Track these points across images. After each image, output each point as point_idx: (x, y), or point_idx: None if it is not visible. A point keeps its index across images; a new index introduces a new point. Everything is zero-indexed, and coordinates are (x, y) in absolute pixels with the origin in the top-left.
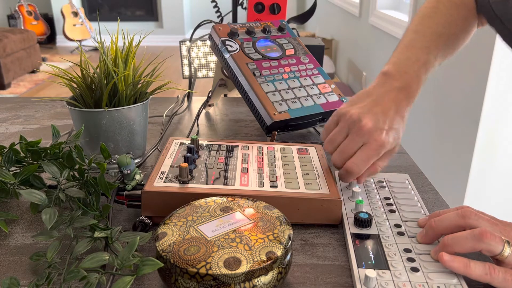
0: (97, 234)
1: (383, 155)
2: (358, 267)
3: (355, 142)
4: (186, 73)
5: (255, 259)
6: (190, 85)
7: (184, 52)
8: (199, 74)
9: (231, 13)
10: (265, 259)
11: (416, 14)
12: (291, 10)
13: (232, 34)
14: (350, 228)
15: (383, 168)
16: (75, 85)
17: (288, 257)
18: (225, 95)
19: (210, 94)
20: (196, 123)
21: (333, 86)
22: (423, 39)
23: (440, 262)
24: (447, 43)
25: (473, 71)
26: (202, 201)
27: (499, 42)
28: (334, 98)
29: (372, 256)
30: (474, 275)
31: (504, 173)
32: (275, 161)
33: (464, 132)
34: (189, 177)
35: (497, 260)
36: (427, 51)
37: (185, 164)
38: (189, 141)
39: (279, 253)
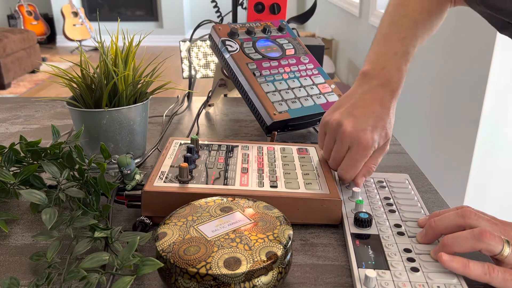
0: (97, 234)
1: (374, 154)
2: (358, 267)
3: (341, 148)
4: (186, 73)
5: (255, 259)
6: (190, 85)
7: (184, 53)
8: (199, 74)
9: (231, 13)
10: (265, 259)
11: (389, 1)
12: (291, 10)
13: (232, 34)
14: (350, 228)
15: (377, 166)
16: (75, 85)
17: (288, 257)
18: (225, 95)
19: (210, 94)
20: (196, 123)
21: (333, 86)
22: (400, 30)
23: (439, 262)
24: (423, 30)
25: (473, 71)
26: (202, 201)
27: (499, 42)
28: (334, 98)
29: (372, 256)
30: (473, 275)
31: (504, 173)
32: (275, 161)
33: (464, 132)
34: (189, 177)
35: (497, 260)
36: (405, 43)
37: (185, 164)
38: (189, 141)
39: (279, 253)
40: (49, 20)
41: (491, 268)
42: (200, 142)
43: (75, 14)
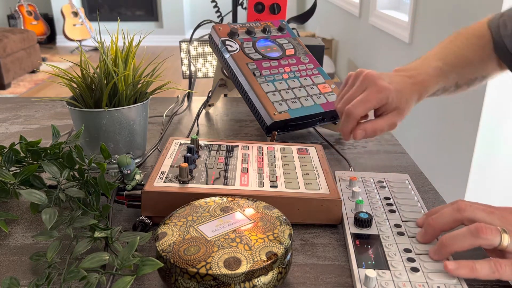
0: (97, 234)
1: (385, 116)
2: (358, 267)
3: (358, 88)
4: (186, 73)
5: (255, 259)
6: (190, 85)
7: (184, 52)
8: (199, 74)
9: (231, 13)
10: (265, 259)
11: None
12: (291, 10)
13: (232, 34)
14: (350, 228)
15: (382, 133)
16: (75, 85)
17: (288, 257)
18: (225, 95)
19: (210, 94)
20: (196, 123)
21: (333, 86)
22: (439, 53)
23: (447, 272)
24: (462, 65)
25: None
26: (202, 201)
27: None
28: (334, 98)
29: (372, 256)
30: (482, 276)
31: (505, 173)
32: (275, 161)
33: (464, 132)
34: (189, 177)
35: (501, 251)
36: (442, 61)
37: (185, 164)
38: (189, 141)
39: (279, 253)
40: (49, 20)
41: (498, 265)
42: (200, 142)
43: (75, 14)
